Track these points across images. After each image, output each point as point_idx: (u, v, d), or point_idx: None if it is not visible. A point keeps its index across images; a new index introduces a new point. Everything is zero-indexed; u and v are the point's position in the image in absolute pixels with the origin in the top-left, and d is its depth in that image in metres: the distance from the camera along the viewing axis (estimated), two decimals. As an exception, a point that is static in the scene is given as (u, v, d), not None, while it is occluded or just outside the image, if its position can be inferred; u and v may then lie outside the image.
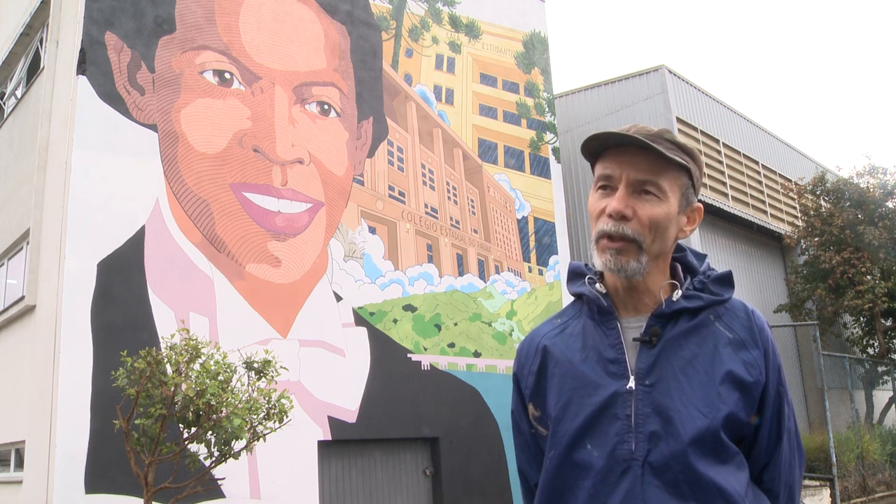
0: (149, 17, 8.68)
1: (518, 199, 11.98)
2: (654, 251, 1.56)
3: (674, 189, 1.57)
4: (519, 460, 1.78)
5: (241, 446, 5.94)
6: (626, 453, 1.51)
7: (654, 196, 1.54)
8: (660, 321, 1.57)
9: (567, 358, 1.63)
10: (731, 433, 1.51)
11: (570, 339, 1.66)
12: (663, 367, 1.54)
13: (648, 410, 1.51)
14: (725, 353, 1.54)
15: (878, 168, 16.13)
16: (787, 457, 1.60)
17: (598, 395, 1.56)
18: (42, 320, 7.99)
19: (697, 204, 1.66)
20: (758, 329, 1.58)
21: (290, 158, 9.34)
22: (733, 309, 1.61)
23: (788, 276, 17.01)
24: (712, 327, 1.57)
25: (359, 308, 9.63)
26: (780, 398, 1.58)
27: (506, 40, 12.57)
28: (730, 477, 1.48)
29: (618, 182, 1.55)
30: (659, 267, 1.60)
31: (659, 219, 1.54)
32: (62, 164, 8.05)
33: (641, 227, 1.53)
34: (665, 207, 1.55)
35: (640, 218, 1.53)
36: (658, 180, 1.54)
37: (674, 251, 1.67)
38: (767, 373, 1.56)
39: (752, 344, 1.56)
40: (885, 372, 16.24)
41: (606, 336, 1.60)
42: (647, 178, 1.54)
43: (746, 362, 1.54)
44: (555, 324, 1.73)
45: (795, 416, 1.65)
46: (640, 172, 1.54)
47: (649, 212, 1.54)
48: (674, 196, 1.57)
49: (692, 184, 1.61)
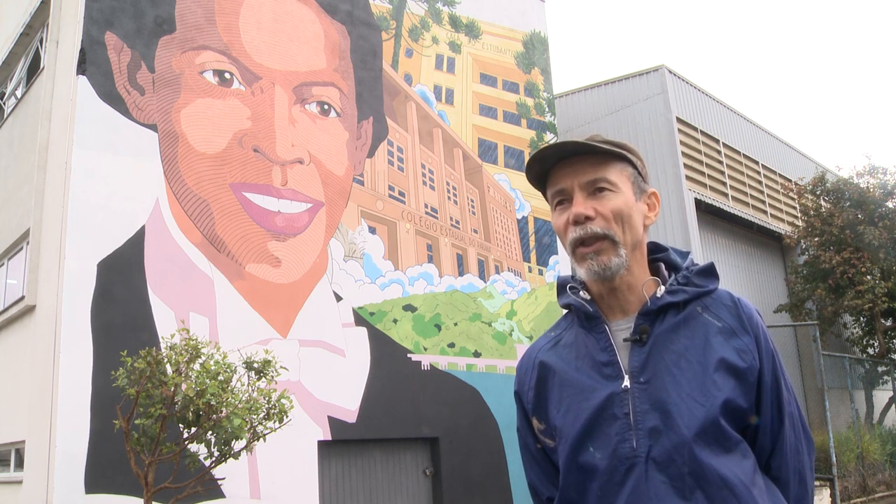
0: (149, 17, 8.68)
1: (518, 199, 11.98)
2: (628, 241, 1.59)
3: (623, 180, 1.62)
4: (528, 476, 1.79)
5: (241, 446, 5.94)
6: (628, 451, 1.52)
7: (607, 191, 1.60)
8: (647, 318, 1.59)
9: (563, 368, 1.65)
10: (732, 421, 1.51)
11: (564, 350, 1.69)
12: (656, 362, 1.55)
13: (646, 407, 1.52)
14: (716, 342, 1.55)
15: (878, 168, 16.13)
16: (793, 441, 1.59)
17: (595, 398, 1.57)
18: (42, 320, 7.99)
19: (651, 189, 1.70)
20: (746, 316, 1.59)
21: (290, 158, 9.34)
22: (720, 298, 1.62)
23: (788, 276, 17.01)
24: (701, 318, 1.58)
25: (359, 308, 9.63)
26: (778, 383, 1.58)
27: (506, 40, 12.57)
28: (734, 466, 1.49)
29: (571, 192, 1.61)
30: (637, 260, 1.63)
31: (620, 208, 1.59)
32: (62, 164, 8.05)
33: (607, 221, 1.58)
34: (622, 197, 1.60)
35: (602, 214, 1.58)
36: (605, 175, 1.60)
37: (656, 251, 1.70)
38: (761, 358, 1.56)
39: (741, 331, 1.57)
40: (885, 372, 16.24)
41: (597, 340, 1.62)
42: (595, 177, 1.60)
43: (738, 349, 1.55)
44: (549, 337, 1.77)
45: (798, 402, 1.64)
46: (588, 174, 1.60)
47: (609, 205, 1.59)
48: (625, 186, 1.62)
49: (638, 172, 1.66)
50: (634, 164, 1.65)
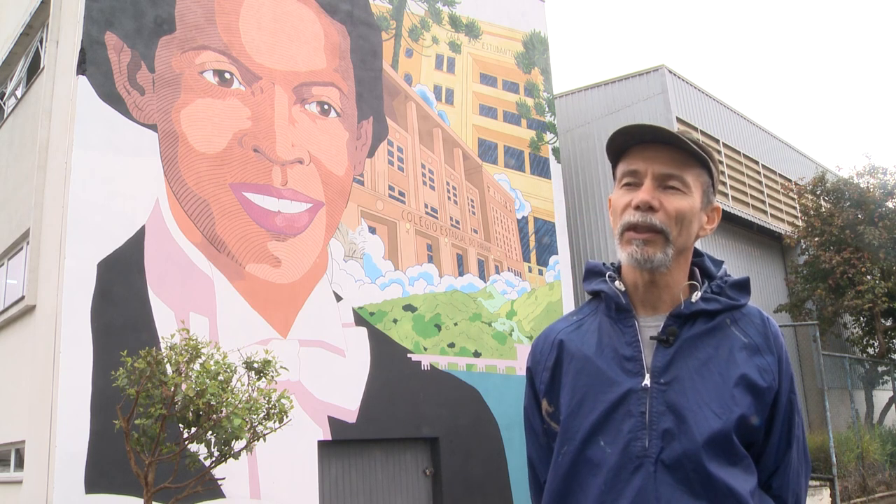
0: (149, 17, 8.68)
1: (518, 199, 11.98)
2: (679, 244, 1.58)
3: (696, 185, 1.60)
4: (529, 453, 1.78)
5: (241, 446, 5.95)
6: (639, 450, 1.51)
7: (678, 190, 1.58)
8: (677, 321, 1.58)
9: (583, 354, 1.64)
10: (742, 437, 1.52)
11: (586, 336, 1.67)
12: (679, 366, 1.55)
13: (663, 408, 1.52)
14: (740, 357, 1.55)
15: (878, 168, 16.13)
16: (796, 465, 1.61)
17: (614, 392, 1.56)
18: (42, 320, 7.99)
19: (717, 204, 1.69)
20: (773, 336, 1.60)
21: (290, 158, 9.34)
22: (749, 315, 1.62)
23: (788, 276, 17.01)
24: (728, 331, 1.59)
25: (359, 308, 9.63)
26: (791, 406, 1.59)
27: (506, 40, 12.57)
28: (740, 479, 1.49)
29: (643, 177, 1.59)
30: (681, 264, 1.62)
31: (685, 211, 1.57)
32: (62, 164, 8.05)
33: (668, 218, 1.56)
34: (690, 201, 1.58)
35: (666, 210, 1.56)
36: (683, 175, 1.58)
37: (693, 255, 1.69)
38: (780, 379, 1.57)
39: (766, 350, 1.57)
40: (885, 372, 16.24)
41: (623, 334, 1.61)
42: (672, 172, 1.57)
43: (760, 367, 1.55)
44: (571, 321, 1.74)
45: (804, 426, 1.66)
46: (666, 167, 1.57)
47: (675, 204, 1.57)
48: (697, 192, 1.60)
49: (712, 183, 1.64)
50: (712, 174, 1.63)
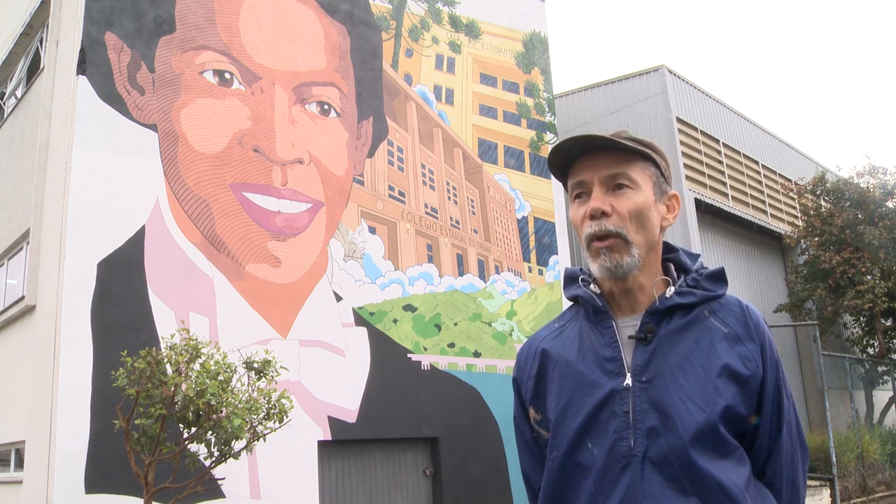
0: (149, 17, 8.68)
1: (518, 199, 11.98)
2: (641, 241, 1.58)
3: (644, 179, 1.60)
4: (523, 464, 1.79)
5: (241, 446, 5.94)
6: (625, 449, 1.51)
7: (627, 188, 1.58)
8: (654, 318, 1.58)
9: (565, 359, 1.64)
10: (731, 427, 1.51)
11: (567, 342, 1.67)
12: (659, 363, 1.54)
13: (646, 406, 1.52)
14: (721, 348, 1.55)
15: (878, 168, 16.13)
16: (789, 450, 1.60)
17: (597, 394, 1.56)
18: (42, 320, 7.98)
19: (673, 191, 1.68)
20: (753, 323, 1.59)
21: (290, 158, 9.34)
22: (728, 304, 1.61)
23: (788, 276, 17.01)
24: (707, 322, 1.58)
25: (359, 308, 9.63)
26: (779, 392, 1.58)
27: (506, 40, 12.57)
28: (730, 472, 1.49)
29: (591, 185, 1.60)
30: (651, 261, 1.62)
31: (638, 207, 1.58)
32: (62, 164, 8.05)
33: (622, 219, 1.56)
34: (641, 196, 1.59)
35: (619, 211, 1.57)
36: (628, 172, 1.59)
37: (666, 251, 1.69)
38: (765, 366, 1.56)
39: (747, 338, 1.57)
40: (885, 372, 16.24)
41: (602, 335, 1.61)
42: (616, 172, 1.58)
43: (742, 356, 1.54)
44: (552, 328, 1.75)
45: (797, 411, 1.65)
46: (609, 168, 1.59)
47: (626, 203, 1.57)
48: (646, 185, 1.60)
49: (661, 173, 1.64)
50: (658, 164, 1.63)
